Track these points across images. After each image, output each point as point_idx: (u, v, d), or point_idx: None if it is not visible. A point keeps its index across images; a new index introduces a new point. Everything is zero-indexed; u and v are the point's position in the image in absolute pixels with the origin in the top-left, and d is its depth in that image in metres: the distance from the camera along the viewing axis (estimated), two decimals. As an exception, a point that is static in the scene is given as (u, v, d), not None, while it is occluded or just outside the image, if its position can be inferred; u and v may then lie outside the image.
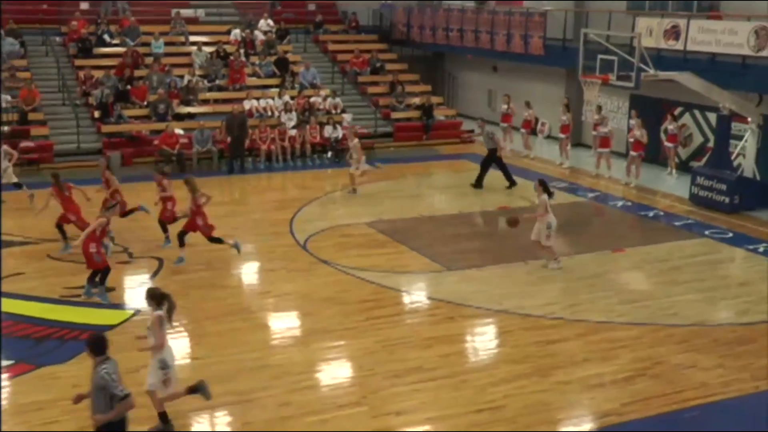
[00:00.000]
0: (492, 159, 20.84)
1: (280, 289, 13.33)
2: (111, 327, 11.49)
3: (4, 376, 10.09)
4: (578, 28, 22.95)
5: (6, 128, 22.06)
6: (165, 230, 15.40)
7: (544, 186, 14.33)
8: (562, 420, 9.40)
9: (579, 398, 9.85)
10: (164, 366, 8.82)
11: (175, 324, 11.58)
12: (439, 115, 27.25)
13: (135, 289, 13.32)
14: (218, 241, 14.64)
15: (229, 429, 9.12)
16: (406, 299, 13.07)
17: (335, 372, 10.47)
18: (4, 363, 10.34)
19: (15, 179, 18.27)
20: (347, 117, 25.33)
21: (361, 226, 16.76)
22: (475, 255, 15.11)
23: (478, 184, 20.61)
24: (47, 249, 14.94)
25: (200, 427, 9.10)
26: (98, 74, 24.46)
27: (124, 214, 15.79)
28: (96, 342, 7.53)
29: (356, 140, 20.20)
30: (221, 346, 11.02)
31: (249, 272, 14.77)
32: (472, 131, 27.05)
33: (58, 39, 26.96)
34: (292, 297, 13.02)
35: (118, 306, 12.46)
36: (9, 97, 22.88)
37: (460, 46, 28.71)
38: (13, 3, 26.66)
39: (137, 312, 12.10)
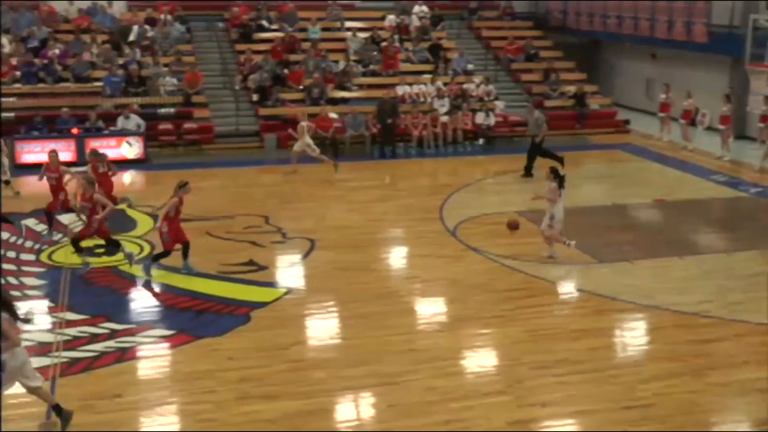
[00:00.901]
0: (536, 147, 20.06)
1: (428, 274, 13.40)
2: (264, 304, 11.88)
3: (166, 344, 10.61)
4: (747, 14, 21.89)
5: (171, 110, 23.13)
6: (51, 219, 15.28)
7: (555, 173, 13.83)
8: (716, 423, 9.05)
9: (736, 402, 9.44)
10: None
11: (324, 304, 11.96)
12: (594, 103, 26.63)
13: (287, 269, 13.73)
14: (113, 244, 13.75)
15: (373, 410, 9.26)
16: (555, 290, 12.88)
17: (481, 359, 10.45)
18: (167, 332, 10.88)
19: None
20: (500, 104, 25.12)
21: (512, 215, 16.61)
22: (627, 248, 14.71)
23: (527, 173, 19.90)
24: (207, 227, 15.56)
25: (345, 406, 9.28)
26: (257, 59, 25.23)
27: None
28: None
29: None
30: (368, 328, 11.19)
31: (397, 257, 14.93)
32: (627, 122, 26.34)
33: (221, 25, 27.99)
34: (439, 283, 13.07)
35: (272, 284, 12.85)
36: (175, 80, 23.96)
37: (618, 33, 27.97)
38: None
39: (289, 291, 12.47)
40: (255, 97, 24.33)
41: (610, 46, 31.08)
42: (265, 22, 27.52)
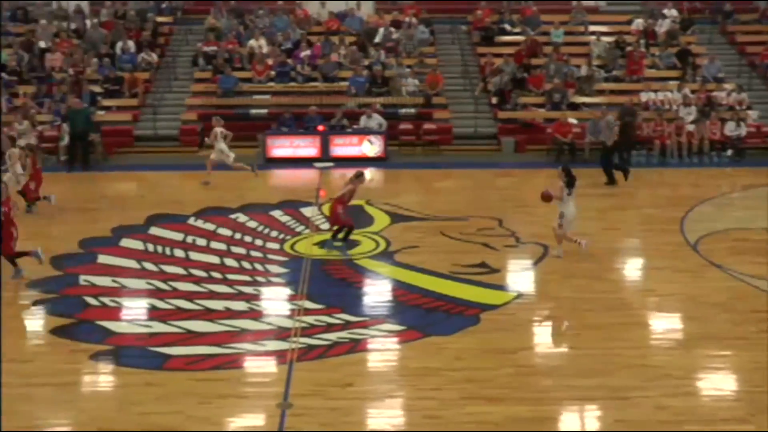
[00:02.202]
0: (611, 152, 19.53)
1: (664, 288, 12.84)
2: (494, 307, 11.87)
3: (396, 339, 10.87)
4: None
5: (412, 110, 23.68)
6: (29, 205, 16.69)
7: (566, 172, 13.80)
8: None
9: None
10: None
11: (554, 311, 11.77)
12: None
13: (518, 273, 13.66)
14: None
15: (599, 423, 9.01)
16: (807, 315, 11.93)
17: (719, 382, 9.87)
18: (397, 328, 11.15)
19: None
20: (753, 114, 23.64)
21: (761, 231, 15.61)
22: None
23: (610, 181, 19.31)
24: (441, 226, 15.78)
25: (571, 417, 9.09)
26: (498, 62, 25.26)
27: (34, 199, 16.90)
28: None
29: None
30: (598, 339, 10.88)
31: (633, 268, 14.44)
32: None
33: (463, 27, 28.29)
34: (676, 298, 12.48)
35: (502, 287, 12.82)
36: (417, 82, 24.51)
37: None
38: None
39: (520, 295, 12.40)
40: (494, 100, 24.40)
41: None
42: (507, 26, 27.52)
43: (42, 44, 25.53)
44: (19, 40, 25.77)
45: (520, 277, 13.55)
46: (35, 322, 11.66)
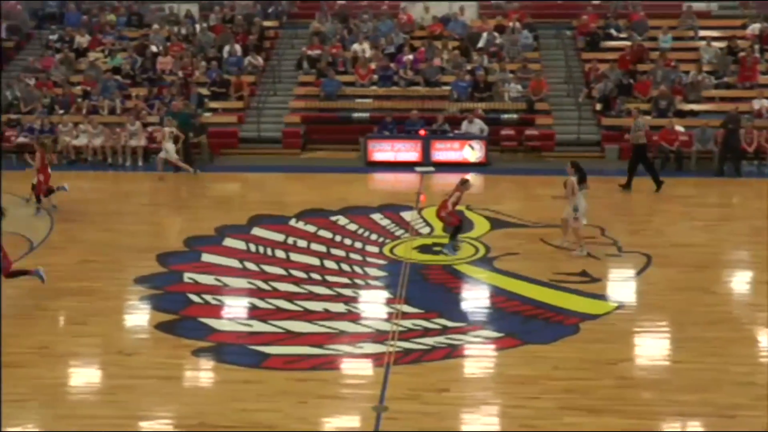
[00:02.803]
0: (641, 156, 19.13)
1: (775, 303, 12.36)
2: (594, 317, 11.64)
3: (493, 346, 10.78)
4: None
5: (514, 116, 23.48)
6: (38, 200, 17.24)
7: (575, 167, 14.45)
8: None
9: None
10: None
11: (657, 323, 11.47)
12: None
13: (621, 283, 13.36)
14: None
15: (704, 441, 8.73)
16: None
17: (833, 404, 9.43)
18: (495, 334, 11.06)
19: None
20: None
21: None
22: None
23: (627, 185, 19.19)
24: (542, 233, 15.58)
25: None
26: (603, 67, 24.81)
27: (48, 193, 17.25)
28: None
29: None
30: (704, 354, 10.54)
31: (741, 281, 13.94)
32: None
33: (568, 33, 27.89)
34: (788, 314, 12.00)
35: (602, 297, 12.57)
36: (520, 87, 24.29)
37: None
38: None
39: (621, 305, 12.12)
40: (598, 107, 23.97)
41: None
42: (613, 31, 26.99)
43: (154, 48, 26.35)
44: (133, 44, 26.68)
45: (622, 286, 13.25)
46: (141, 316, 12.01)
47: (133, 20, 28.46)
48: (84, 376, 10.22)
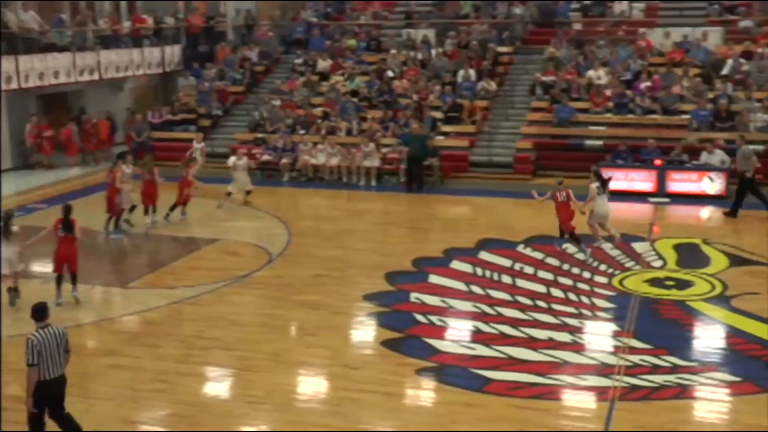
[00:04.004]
0: (747, 184, 18.53)
1: None
2: None
3: (728, 390, 10.16)
4: None
5: (760, 147, 22.09)
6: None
7: (597, 175, 15.89)
8: None
9: None
10: None
11: None
12: None
13: None
14: None
15: None
16: None
17: None
18: (731, 378, 10.42)
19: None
20: None
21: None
22: None
23: (732, 212, 18.67)
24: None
25: None
26: None
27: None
28: (35, 309, 8.60)
29: None
30: None
31: None
32: None
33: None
34: None
35: None
36: (766, 117, 22.84)
37: None
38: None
39: None
40: None
41: None
42: None
43: (390, 72, 27.16)
44: (371, 68, 27.67)
45: None
46: (368, 332, 12.37)
47: (372, 45, 29.49)
48: (312, 385, 10.67)
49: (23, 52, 23.70)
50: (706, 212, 19.70)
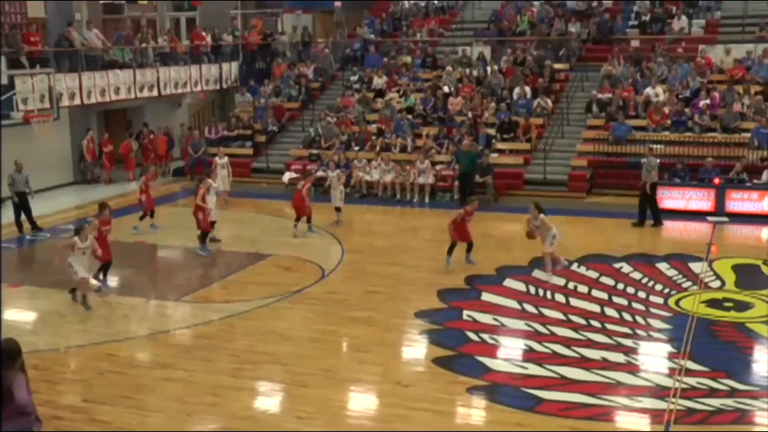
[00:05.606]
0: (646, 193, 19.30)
1: None
2: None
3: (789, 416, 9.91)
4: None
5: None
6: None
7: (539, 208, 15.44)
8: None
9: None
10: None
11: None
12: None
13: None
14: None
15: None
16: None
17: None
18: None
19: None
20: None
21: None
22: None
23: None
24: None
25: None
26: None
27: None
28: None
29: None
30: None
31: None
32: None
33: None
34: None
35: None
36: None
37: None
38: None
39: None
40: None
41: None
42: None
43: (446, 89, 27.17)
44: (427, 85, 27.71)
45: None
46: (419, 349, 12.33)
47: (427, 62, 29.56)
48: (363, 402, 10.65)
49: (86, 69, 24.28)
50: (767, 232, 19.28)
